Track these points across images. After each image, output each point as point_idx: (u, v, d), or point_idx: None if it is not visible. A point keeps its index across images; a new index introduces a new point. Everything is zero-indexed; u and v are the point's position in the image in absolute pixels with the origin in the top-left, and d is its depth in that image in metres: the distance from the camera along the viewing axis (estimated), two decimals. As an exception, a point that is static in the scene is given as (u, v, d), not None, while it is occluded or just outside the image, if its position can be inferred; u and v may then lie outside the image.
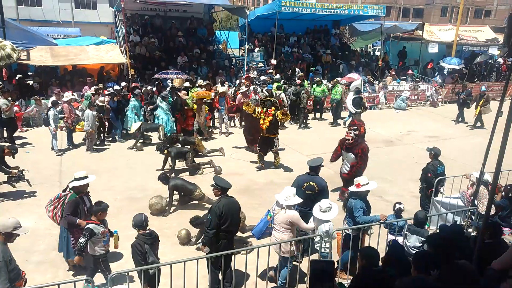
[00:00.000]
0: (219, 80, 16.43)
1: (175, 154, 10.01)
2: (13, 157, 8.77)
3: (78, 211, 5.72)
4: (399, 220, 5.97)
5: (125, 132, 13.14)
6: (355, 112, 14.39)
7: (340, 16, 21.78)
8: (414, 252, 4.95)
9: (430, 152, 8.05)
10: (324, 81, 17.58)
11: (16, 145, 11.95)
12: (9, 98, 12.19)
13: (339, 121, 15.98)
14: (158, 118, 13.05)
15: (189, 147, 10.70)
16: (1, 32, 15.12)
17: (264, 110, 10.24)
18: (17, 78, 15.33)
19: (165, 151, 10.08)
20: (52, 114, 11.49)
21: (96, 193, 8.84)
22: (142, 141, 12.44)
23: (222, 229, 5.22)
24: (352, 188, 6.07)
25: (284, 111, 10.47)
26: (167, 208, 8.00)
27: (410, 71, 21.91)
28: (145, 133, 12.62)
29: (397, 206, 6.34)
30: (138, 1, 17.86)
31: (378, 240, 5.58)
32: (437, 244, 4.10)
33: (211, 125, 14.37)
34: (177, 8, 20.66)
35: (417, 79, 21.08)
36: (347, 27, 25.88)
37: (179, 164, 10.40)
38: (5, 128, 12.41)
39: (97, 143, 12.35)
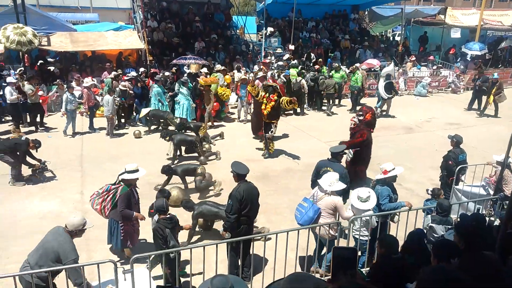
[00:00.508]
0: (236, 66, 16.37)
1: (177, 141, 9.88)
2: (36, 151, 8.92)
3: (130, 204, 5.69)
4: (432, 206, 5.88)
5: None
6: (386, 97, 14.36)
7: (359, 0, 21.33)
8: None
9: (452, 139, 7.89)
10: (343, 67, 17.34)
11: (43, 129, 12.34)
12: (34, 84, 12.43)
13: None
14: (179, 104, 13.03)
15: (194, 135, 10.53)
16: (23, 18, 15.29)
17: (267, 95, 10.07)
18: (38, 64, 15.55)
19: (167, 138, 9.96)
20: (65, 98, 11.76)
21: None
22: (147, 128, 12.47)
23: (242, 214, 5.27)
24: (379, 176, 6.03)
25: (294, 100, 10.09)
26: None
27: (431, 57, 21.40)
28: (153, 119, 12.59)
29: (430, 190, 6.55)
30: (155, -13, 17.82)
31: (405, 227, 5.53)
32: (467, 232, 4.02)
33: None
34: (195, -7, 20.56)
35: (439, 65, 20.59)
36: (366, 12, 25.36)
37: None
38: (29, 114, 12.72)
39: (116, 128, 12.50)
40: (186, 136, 10.18)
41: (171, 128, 12.00)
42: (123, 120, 13.09)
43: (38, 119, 12.64)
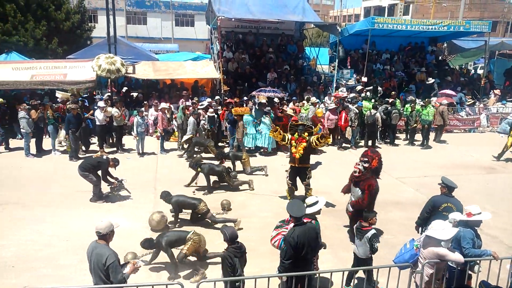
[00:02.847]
0: (305, 97, 16.47)
1: (207, 171, 9.87)
2: (115, 169, 9.56)
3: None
4: None
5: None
6: None
7: (438, 32, 20.59)
8: None
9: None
10: (418, 100, 16.70)
11: (122, 151, 13.27)
12: (119, 108, 13.52)
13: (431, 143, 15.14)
14: (261, 134, 13.35)
15: (224, 165, 10.45)
16: (113, 49, 16.83)
17: (296, 136, 8.88)
18: (123, 90, 16.90)
19: (198, 169, 9.99)
20: (135, 122, 12.73)
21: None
22: (190, 155, 12.55)
23: (299, 257, 5.11)
24: (462, 217, 5.60)
25: (326, 134, 9.11)
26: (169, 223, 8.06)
27: (518, 92, 19.90)
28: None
29: None
30: (233, 19, 18.68)
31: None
32: None
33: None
34: (269, 25, 21.24)
35: (527, 101, 19.07)
36: (445, 44, 24.39)
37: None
38: (112, 136, 13.80)
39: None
40: (214, 166, 10.11)
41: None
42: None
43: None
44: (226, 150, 13.04)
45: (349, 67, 20.01)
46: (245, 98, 16.00)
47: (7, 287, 5.86)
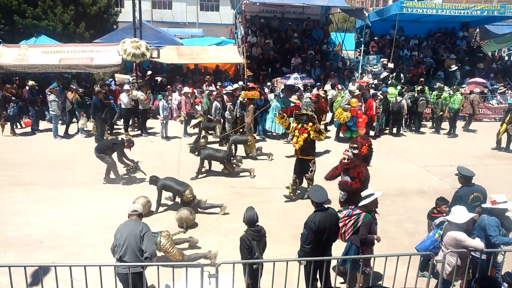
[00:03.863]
0: (330, 83, 16.24)
1: (204, 156, 9.76)
2: (130, 150, 9.59)
3: (370, 230, 5.47)
4: None
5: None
6: None
7: (470, 17, 19.79)
8: None
9: None
10: (446, 88, 16.22)
11: (146, 134, 13.48)
12: (144, 92, 13.70)
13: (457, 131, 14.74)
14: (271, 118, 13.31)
15: (225, 151, 10.33)
16: (139, 33, 16.98)
17: (299, 126, 8.52)
18: (148, 74, 17.07)
19: (197, 153, 9.92)
20: (161, 105, 12.91)
21: (207, 183, 9.50)
22: (203, 140, 12.44)
23: (320, 242, 5.10)
24: (486, 205, 5.47)
25: (317, 128, 8.43)
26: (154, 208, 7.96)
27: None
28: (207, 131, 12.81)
29: None
30: (257, 4, 18.50)
31: None
32: None
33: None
34: (295, 10, 20.94)
35: None
36: (477, 30, 23.44)
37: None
38: (138, 119, 14.02)
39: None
40: (215, 152, 9.98)
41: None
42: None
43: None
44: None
45: (373, 52, 19.51)
46: (269, 83, 15.93)
47: (37, 262, 6.10)
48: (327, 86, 15.97)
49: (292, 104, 11.69)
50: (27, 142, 12.72)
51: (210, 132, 12.89)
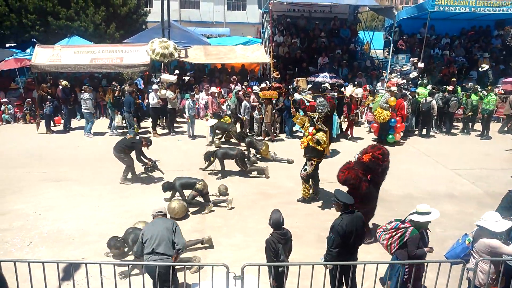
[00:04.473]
0: (356, 82, 16.00)
1: (221, 156, 9.85)
2: (147, 148, 9.66)
3: (418, 247, 5.22)
4: None
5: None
6: None
7: (506, 14, 19.04)
8: None
9: None
10: (480, 88, 15.71)
11: (174, 133, 13.66)
12: (173, 91, 13.90)
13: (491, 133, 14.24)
14: None
15: (239, 149, 10.33)
16: (167, 33, 17.23)
17: (309, 126, 8.41)
18: (175, 73, 17.29)
19: (212, 159, 9.95)
20: (187, 105, 13.05)
21: (233, 183, 9.55)
22: (217, 139, 12.65)
23: (347, 245, 5.04)
24: None
25: (314, 139, 8.09)
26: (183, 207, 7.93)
27: None
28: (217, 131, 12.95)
29: None
30: (285, 3, 18.43)
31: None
32: None
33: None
34: (322, 9, 20.75)
35: None
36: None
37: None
38: (166, 118, 14.24)
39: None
40: (229, 150, 10.02)
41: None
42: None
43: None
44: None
45: (401, 50, 19.08)
46: (295, 83, 15.85)
47: (67, 258, 6.30)
48: (349, 87, 15.70)
49: (307, 104, 11.54)
50: (60, 139, 13.16)
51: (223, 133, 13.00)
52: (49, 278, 4.49)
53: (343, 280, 5.24)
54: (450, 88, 14.97)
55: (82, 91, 13.73)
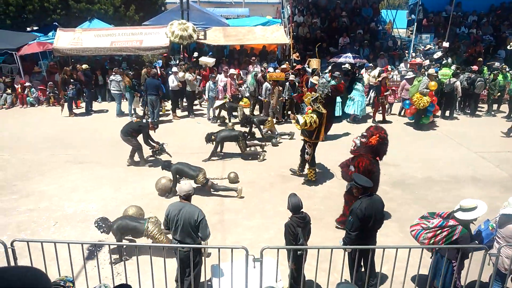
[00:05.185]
0: (378, 62, 15.65)
1: (220, 138, 9.77)
2: (154, 132, 9.70)
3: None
4: None
5: None
6: None
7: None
8: None
9: None
10: (508, 68, 15.14)
11: (193, 116, 13.71)
12: (192, 74, 13.93)
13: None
14: (354, 101, 13.03)
15: (240, 130, 10.30)
16: (186, 15, 17.13)
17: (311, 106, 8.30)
18: (194, 55, 17.27)
19: (213, 138, 9.84)
20: (207, 86, 13.14)
21: (254, 165, 9.58)
22: (230, 123, 12.49)
23: (365, 228, 5.02)
24: None
25: (294, 117, 8.10)
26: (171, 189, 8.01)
27: None
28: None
29: None
30: (305, -18, 18.05)
31: None
32: None
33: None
34: (344, -13, 20.22)
35: None
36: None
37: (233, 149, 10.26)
38: (185, 100, 14.30)
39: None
40: (230, 132, 9.97)
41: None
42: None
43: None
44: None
45: (425, 29, 18.47)
46: (306, 64, 15.56)
47: (91, 238, 6.49)
48: (377, 70, 15.25)
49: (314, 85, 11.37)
50: (83, 122, 13.41)
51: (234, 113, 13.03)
52: (74, 257, 4.65)
53: (362, 263, 5.25)
54: (475, 68, 14.48)
55: (114, 73, 14.05)
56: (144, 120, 10.11)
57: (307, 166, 8.62)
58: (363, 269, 5.33)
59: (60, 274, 4.29)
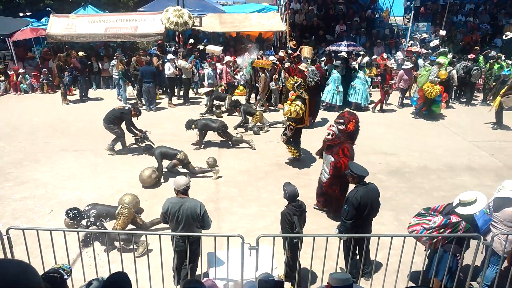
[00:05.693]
0: (374, 51, 15.58)
1: (201, 127, 9.67)
2: (137, 119, 9.60)
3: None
4: None
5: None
6: None
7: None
8: None
9: None
10: (504, 57, 15.14)
11: (189, 103, 13.64)
12: (188, 61, 13.80)
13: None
14: (355, 89, 12.96)
15: (220, 121, 10.08)
16: (181, 1, 16.91)
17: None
18: (190, 43, 17.11)
19: (193, 126, 9.73)
20: (206, 73, 13.13)
21: (249, 154, 9.58)
22: (212, 109, 12.42)
23: (361, 217, 5.05)
24: None
25: (293, 109, 8.04)
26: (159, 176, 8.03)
27: None
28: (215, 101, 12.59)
29: None
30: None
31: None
32: None
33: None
34: (341, -27, 19.98)
35: None
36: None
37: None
38: (181, 87, 14.20)
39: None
40: (210, 122, 9.83)
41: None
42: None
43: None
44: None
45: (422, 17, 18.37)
46: (298, 51, 15.45)
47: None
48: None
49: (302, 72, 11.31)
50: (77, 109, 13.28)
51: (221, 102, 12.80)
52: (70, 245, 4.64)
53: (357, 251, 5.30)
54: (471, 56, 14.46)
55: (115, 58, 14.04)
56: (126, 107, 9.79)
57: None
58: (358, 257, 5.38)
59: (56, 261, 4.29)
